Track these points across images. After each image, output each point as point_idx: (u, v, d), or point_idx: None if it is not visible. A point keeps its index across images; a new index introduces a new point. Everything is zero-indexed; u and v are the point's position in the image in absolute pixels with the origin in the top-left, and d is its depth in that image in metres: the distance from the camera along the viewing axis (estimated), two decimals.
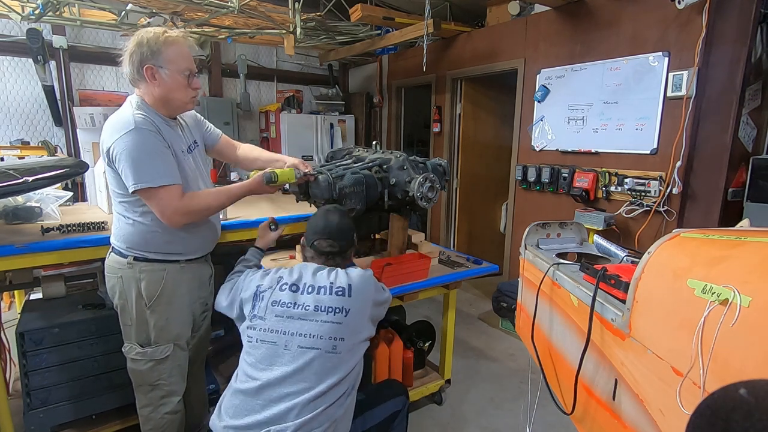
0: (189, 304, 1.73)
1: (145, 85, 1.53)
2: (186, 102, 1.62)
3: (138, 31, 1.52)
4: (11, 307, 3.52)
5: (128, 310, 1.64)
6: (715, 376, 0.73)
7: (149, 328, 1.65)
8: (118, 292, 1.63)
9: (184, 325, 1.74)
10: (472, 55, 3.84)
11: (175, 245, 1.63)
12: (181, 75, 1.54)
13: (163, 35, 1.49)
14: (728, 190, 2.40)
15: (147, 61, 1.48)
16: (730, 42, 2.29)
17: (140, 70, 1.49)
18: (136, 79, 1.54)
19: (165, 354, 1.69)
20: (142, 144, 1.46)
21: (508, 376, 2.83)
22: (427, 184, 1.99)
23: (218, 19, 3.36)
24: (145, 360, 1.68)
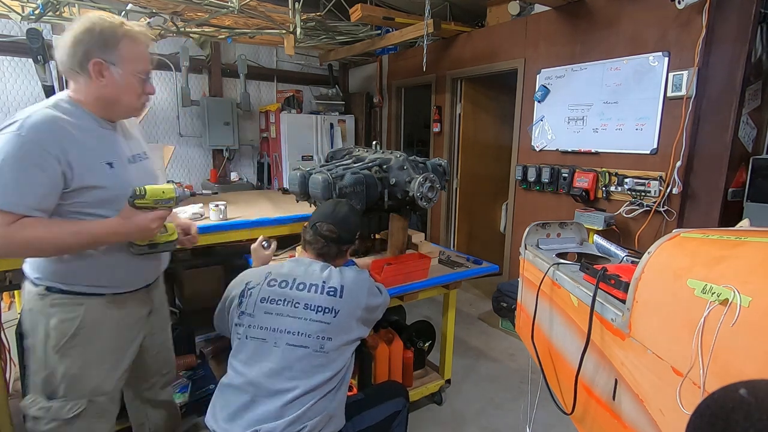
0: (116, 349, 1.39)
1: (85, 81, 1.23)
2: (136, 108, 1.35)
3: (88, 14, 1.25)
4: (11, 307, 3.52)
5: (34, 350, 1.31)
6: (715, 376, 0.73)
7: (56, 378, 1.31)
8: (29, 327, 1.32)
9: (107, 375, 1.38)
10: (472, 55, 3.84)
11: (99, 275, 1.31)
12: (136, 77, 1.28)
13: (121, 27, 1.23)
14: (728, 190, 2.40)
15: (95, 54, 1.20)
16: (730, 42, 2.29)
17: (84, 62, 1.20)
18: (72, 71, 1.22)
19: (74, 412, 1.33)
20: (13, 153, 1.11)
21: (508, 376, 2.83)
22: (427, 184, 1.99)
23: (218, 19, 3.37)
24: (47, 419, 1.31)
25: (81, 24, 1.21)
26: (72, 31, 1.20)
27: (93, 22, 1.21)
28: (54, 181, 1.16)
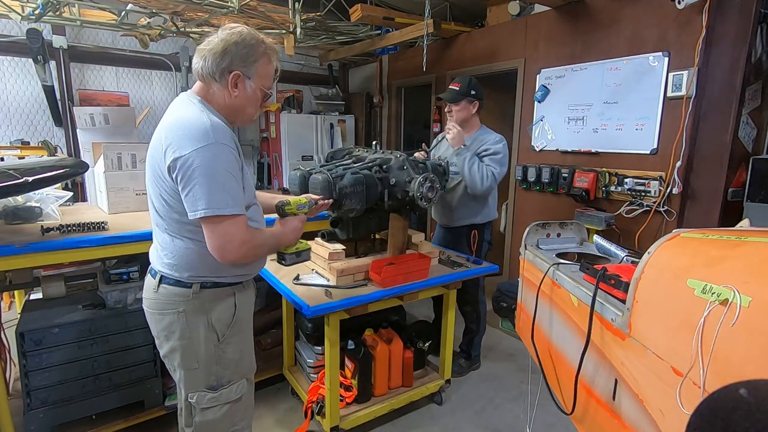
0: (251, 329, 1.53)
1: (219, 89, 1.31)
2: (251, 119, 1.43)
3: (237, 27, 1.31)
4: (11, 307, 3.52)
5: (194, 350, 1.37)
6: (715, 376, 0.73)
7: (222, 367, 1.41)
8: (179, 331, 1.35)
9: (252, 353, 1.53)
10: (472, 55, 3.84)
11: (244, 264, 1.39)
12: (261, 92, 1.37)
13: (262, 45, 1.32)
14: (728, 190, 2.40)
15: (236, 67, 1.28)
16: (730, 42, 2.29)
17: (225, 72, 1.28)
18: (210, 77, 1.29)
19: (240, 393, 1.46)
20: (220, 162, 1.21)
21: (508, 376, 2.83)
22: (427, 184, 1.98)
23: (218, 19, 3.36)
24: (220, 405, 1.42)
25: (231, 35, 1.28)
26: (223, 42, 1.27)
27: (243, 36, 1.29)
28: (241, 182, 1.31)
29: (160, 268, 1.36)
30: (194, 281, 1.34)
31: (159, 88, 4.54)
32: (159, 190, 1.29)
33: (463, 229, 2.61)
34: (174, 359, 1.40)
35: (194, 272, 1.34)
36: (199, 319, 1.36)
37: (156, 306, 1.38)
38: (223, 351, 1.40)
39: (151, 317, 1.41)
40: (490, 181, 2.39)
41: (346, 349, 2.30)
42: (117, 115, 3.25)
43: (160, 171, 1.26)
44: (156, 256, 1.39)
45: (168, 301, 1.36)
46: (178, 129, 1.23)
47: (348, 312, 1.90)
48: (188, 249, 1.32)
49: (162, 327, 1.38)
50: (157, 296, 1.37)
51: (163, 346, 1.42)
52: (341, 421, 2.11)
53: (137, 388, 2.09)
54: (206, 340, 1.37)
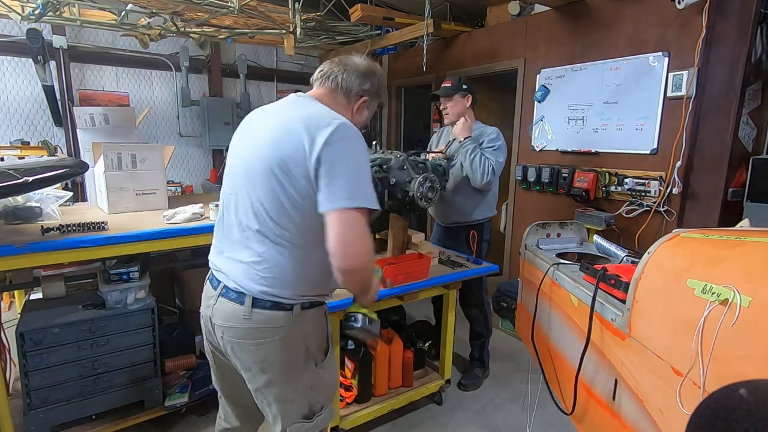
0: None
1: (345, 104, 1.33)
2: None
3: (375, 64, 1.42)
4: (11, 307, 3.52)
5: (294, 380, 1.25)
6: (715, 376, 0.73)
7: (317, 392, 1.31)
8: (280, 359, 1.21)
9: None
10: (472, 55, 3.84)
11: (330, 282, 1.28)
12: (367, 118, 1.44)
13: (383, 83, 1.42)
14: (728, 190, 2.40)
15: (369, 95, 1.36)
16: (730, 42, 2.29)
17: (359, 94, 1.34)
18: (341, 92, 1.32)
19: (332, 416, 1.39)
20: (364, 156, 1.18)
21: (508, 376, 2.83)
22: (427, 184, 1.98)
23: (218, 19, 3.36)
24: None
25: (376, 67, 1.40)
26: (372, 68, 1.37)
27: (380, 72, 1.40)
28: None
29: (253, 287, 1.18)
30: (295, 301, 1.21)
31: (159, 88, 4.54)
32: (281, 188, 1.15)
33: (461, 227, 2.61)
34: (270, 393, 1.26)
35: (297, 290, 1.21)
36: (300, 344, 1.24)
37: (250, 336, 1.20)
38: (320, 377, 1.30)
39: (241, 348, 1.22)
40: (490, 176, 2.42)
41: (346, 349, 2.30)
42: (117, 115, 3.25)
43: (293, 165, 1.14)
44: (243, 273, 1.20)
45: (265, 329, 1.19)
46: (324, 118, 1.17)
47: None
48: (296, 261, 1.19)
49: (259, 358, 1.21)
50: (250, 325, 1.19)
51: (257, 379, 1.25)
52: (341, 421, 2.11)
53: (137, 388, 2.09)
54: (306, 365, 1.26)
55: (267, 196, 1.17)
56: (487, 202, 2.58)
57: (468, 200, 2.54)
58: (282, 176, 1.15)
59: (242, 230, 1.22)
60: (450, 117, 2.59)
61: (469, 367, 2.81)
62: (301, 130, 1.14)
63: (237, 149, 1.31)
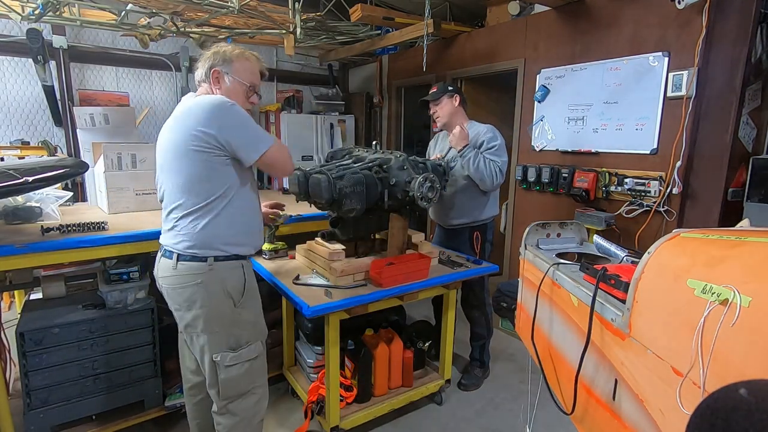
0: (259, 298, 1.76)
1: (207, 88, 1.65)
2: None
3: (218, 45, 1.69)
4: (11, 307, 3.52)
5: (215, 315, 1.59)
6: (715, 376, 0.73)
7: (240, 328, 1.63)
8: (200, 300, 1.57)
9: (264, 321, 1.75)
10: (472, 55, 3.84)
11: (250, 239, 1.67)
12: (241, 86, 1.65)
13: (238, 50, 1.66)
14: (728, 190, 2.40)
15: (216, 66, 1.62)
16: (730, 42, 2.29)
17: (208, 72, 1.62)
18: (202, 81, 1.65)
19: (257, 352, 1.69)
20: (245, 116, 1.54)
21: (508, 376, 2.83)
22: (427, 184, 1.98)
23: (218, 19, 3.36)
24: (241, 363, 1.63)
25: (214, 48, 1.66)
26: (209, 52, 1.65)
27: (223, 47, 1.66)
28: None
29: (175, 247, 1.56)
30: (208, 254, 1.55)
31: (159, 88, 4.54)
32: (190, 165, 1.50)
33: (463, 229, 2.61)
34: (197, 326, 1.59)
35: (207, 246, 1.55)
36: (217, 287, 1.57)
37: (174, 282, 1.57)
38: (239, 314, 1.62)
39: (172, 292, 1.60)
40: (499, 178, 2.43)
41: (346, 349, 2.30)
42: (117, 115, 3.26)
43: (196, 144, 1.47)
44: (171, 238, 1.58)
45: (186, 275, 1.56)
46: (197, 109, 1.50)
47: (348, 312, 1.91)
48: (202, 225, 1.54)
49: (182, 299, 1.58)
50: (175, 273, 1.56)
51: (185, 316, 1.60)
52: (341, 421, 2.11)
53: (137, 388, 2.10)
54: (224, 305, 1.58)
55: (182, 174, 1.52)
56: (489, 202, 2.58)
57: (470, 201, 2.54)
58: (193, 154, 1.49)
59: (170, 208, 1.58)
60: (441, 119, 2.59)
61: (469, 367, 2.82)
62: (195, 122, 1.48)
63: (159, 151, 1.64)
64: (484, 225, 2.61)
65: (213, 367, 1.61)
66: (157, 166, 1.66)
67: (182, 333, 1.72)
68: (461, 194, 2.54)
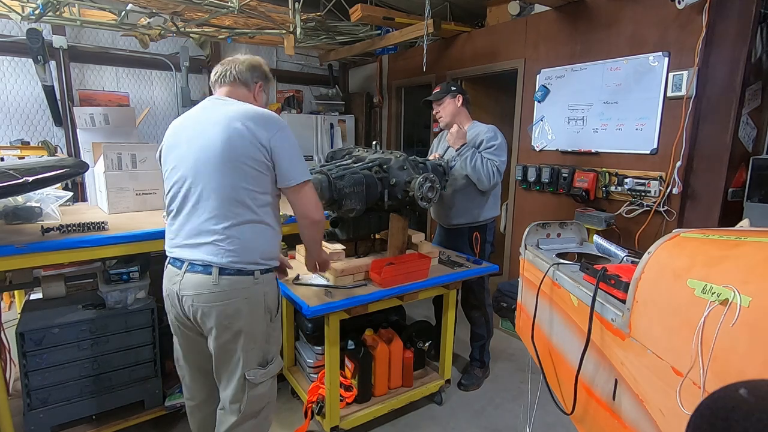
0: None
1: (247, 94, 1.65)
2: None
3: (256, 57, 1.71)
4: (11, 307, 3.52)
5: (255, 331, 1.53)
6: (715, 376, 0.73)
7: (270, 344, 1.60)
8: (244, 316, 1.49)
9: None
10: (472, 55, 3.84)
11: (277, 250, 1.62)
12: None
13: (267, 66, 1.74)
14: (728, 190, 2.40)
15: (261, 80, 1.68)
16: (730, 42, 2.29)
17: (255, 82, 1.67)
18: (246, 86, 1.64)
19: (280, 366, 1.66)
20: (294, 140, 1.54)
21: (508, 376, 2.83)
22: (427, 184, 1.99)
23: (218, 19, 3.36)
24: (265, 380, 1.60)
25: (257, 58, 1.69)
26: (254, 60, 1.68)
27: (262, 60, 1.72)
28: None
29: (222, 260, 1.45)
30: (256, 268, 1.50)
31: (159, 88, 4.54)
32: (247, 174, 1.44)
33: (463, 229, 2.61)
34: (237, 343, 1.51)
35: (258, 258, 1.50)
36: (260, 303, 1.52)
37: (219, 297, 1.46)
38: (273, 330, 1.60)
39: (210, 310, 1.47)
40: (496, 177, 2.43)
41: (346, 349, 2.30)
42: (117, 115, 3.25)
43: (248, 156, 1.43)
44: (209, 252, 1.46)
45: (232, 290, 1.46)
46: (257, 116, 1.47)
47: (348, 312, 1.90)
48: (256, 234, 1.49)
49: (227, 314, 1.48)
50: (219, 289, 1.45)
51: (223, 335, 1.50)
52: (341, 421, 2.11)
53: (137, 388, 2.10)
54: (263, 321, 1.55)
55: (225, 185, 1.44)
56: (489, 202, 2.58)
57: (470, 201, 2.54)
58: (243, 165, 1.43)
59: (207, 218, 1.46)
60: (444, 119, 2.60)
61: (469, 367, 2.82)
62: (247, 129, 1.43)
63: (182, 154, 1.51)
64: (484, 225, 2.61)
65: (242, 384, 1.54)
66: (177, 169, 1.51)
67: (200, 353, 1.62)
68: (461, 194, 2.53)
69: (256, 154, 1.44)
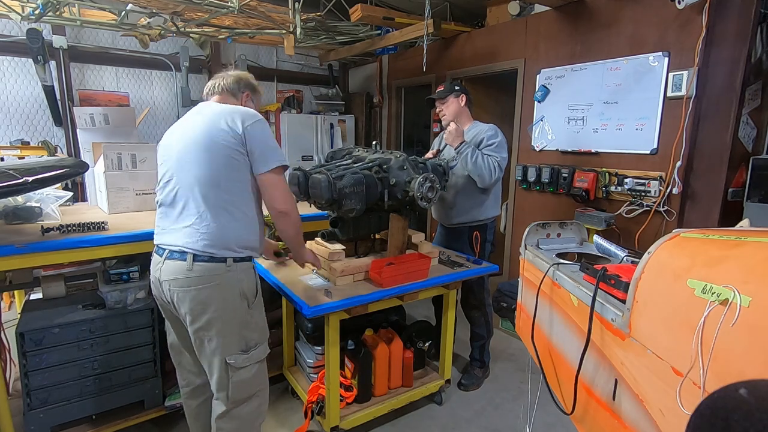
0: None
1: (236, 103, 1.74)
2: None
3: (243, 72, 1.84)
4: (11, 307, 3.52)
5: (230, 318, 1.57)
6: (715, 376, 0.73)
7: (250, 330, 1.63)
8: (216, 302, 1.54)
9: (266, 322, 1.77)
10: (472, 55, 3.84)
11: (258, 241, 1.66)
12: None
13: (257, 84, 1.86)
14: (728, 190, 2.40)
15: (247, 90, 1.79)
16: (730, 42, 2.29)
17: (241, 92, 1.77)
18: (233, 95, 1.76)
19: (265, 353, 1.70)
20: (269, 131, 1.62)
21: (508, 376, 2.83)
22: (427, 184, 1.99)
23: (218, 19, 3.36)
24: (251, 365, 1.64)
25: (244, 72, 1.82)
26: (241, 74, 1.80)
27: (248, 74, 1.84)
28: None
29: (194, 246, 1.51)
30: (228, 255, 1.54)
31: (159, 88, 4.54)
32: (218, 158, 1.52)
33: (463, 228, 2.61)
34: (211, 329, 1.55)
35: (228, 246, 1.54)
36: (234, 289, 1.56)
37: (190, 283, 1.52)
38: (251, 316, 1.63)
39: (184, 294, 1.53)
40: (497, 172, 2.42)
41: (346, 349, 2.30)
42: (117, 115, 3.25)
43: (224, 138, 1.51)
44: (185, 236, 1.52)
45: (203, 276, 1.52)
46: (230, 113, 1.56)
47: (348, 312, 1.91)
48: (229, 223, 1.54)
49: (198, 301, 1.53)
50: (191, 275, 1.51)
51: (197, 320, 1.55)
52: (341, 421, 2.11)
53: (137, 388, 2.10)
54: (239, 307, 1.58)
55: (202, 170, 1.52)
56: (489, 202, 2.58)
57: (470, 200, 2.54)
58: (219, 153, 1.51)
59: (184, 204, 1.54)
60: (447, 118, 2.60)
61: (469, 367, 2.82)
62: (225, 121, 1.54)
63: (170, 149, 1.62)
64: (484, 225, 2.61)
65: (225, 370, 1.59)
66: (165, 163, 1.62)
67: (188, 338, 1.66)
68: (461, 194, 2.53)
69: (232, 143, 1.52)
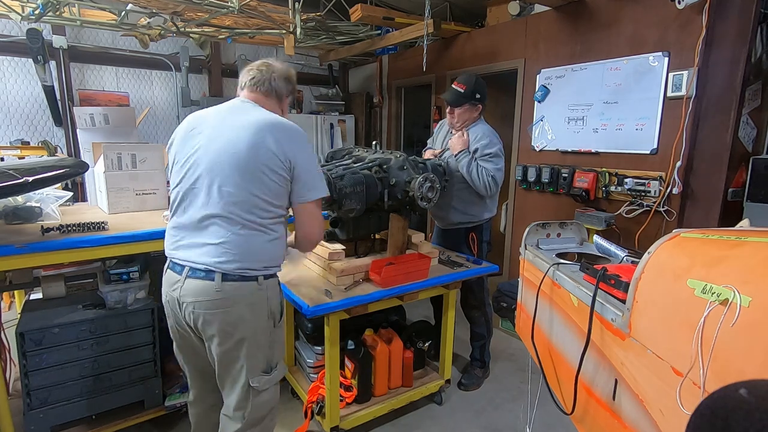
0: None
1: (277, 106, 1.62)
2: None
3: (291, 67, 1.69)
4: (11, 307, 3.52)
5: (259, 338, 1.49)
6: (715, 376, 0.73)
7: (274, 349, 1.55)
8: (246, 322, 1.45)
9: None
10: (472, 55, 3.84)
11: (282, 256, 1.57)
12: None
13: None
14: (728, 190, 2.40)
15: (291, 94, 1.67)
16: (730, 42, 2.29)
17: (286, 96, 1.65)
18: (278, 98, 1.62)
19: (284, 372, 1.62)
20: (315, 156, 1.55)
21: (508, 376, 2.83)
22: (427, 184, 1.99)
23: (218, 19, 3.36)
24: (269, 387, 1.55)
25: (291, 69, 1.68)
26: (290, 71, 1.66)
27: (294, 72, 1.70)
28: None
29: (225, 266, 1.40)
30: (259, 273, 1.45)
31: (159, 88, 4.54)
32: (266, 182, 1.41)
33: (460, 229, 2.61)
34: (240, 350, 1.47)
35: (262, 264, 1.46)
36: (263, 308, 1.48)
37: (221, 304, 1.41)
38: (277, 336, 1.56)
39: (212, 317, 1.43)
40: (493, 189, 2.42)
41: (346, 349, 2.30)
42: (117, 115, 3.25)
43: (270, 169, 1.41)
44: (213, 255, 1.40)
45: (236, 296, 1.42)
46: (279, 129, 1.45)
47: (348, 312, 1.90)
48: (264, 242, 1.45)
49: (229, 321, 1.43)
50: (222, 295, 1.40)
51: (225, 342, 1.45)
52: (341, 421, 2.11)
53: (137, 388, 2.09)
54: (267, 327, 1.51)
55: (242, 190, 1.40)
56: (485, 203, 2.57)
57: (466, 202, 2.54)
58: (258, 174, 1.40)
59: (212, 221, 1.42)
60: (458, 124, 2.54)
61: (469, 367, 2.82)
62: (273, 140, 1.41)
63: (198, 151, 1.46)
64: (480, 225, 2.61)
65: (246, 392, 1.50)
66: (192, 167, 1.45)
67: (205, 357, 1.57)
68: (457, 195, 2.53)
69: (279, 167, 1.41)
